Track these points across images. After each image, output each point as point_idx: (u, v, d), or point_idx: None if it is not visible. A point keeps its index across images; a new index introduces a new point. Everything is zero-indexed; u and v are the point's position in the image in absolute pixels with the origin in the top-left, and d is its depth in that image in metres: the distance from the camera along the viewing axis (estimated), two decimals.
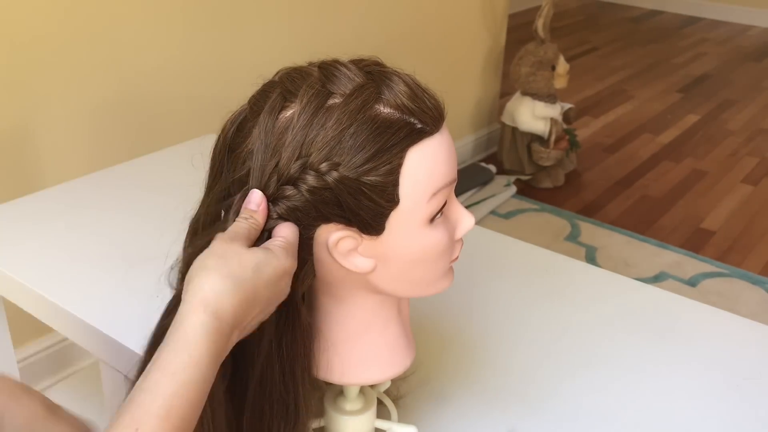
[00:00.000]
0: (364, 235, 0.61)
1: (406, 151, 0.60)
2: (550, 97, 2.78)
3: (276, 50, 1.94)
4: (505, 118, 2.86)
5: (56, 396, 1.59)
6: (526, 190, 2.83)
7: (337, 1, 2.10)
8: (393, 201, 0.61)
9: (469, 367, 0.93)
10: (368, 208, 0.60)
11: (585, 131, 3.35)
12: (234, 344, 0.57)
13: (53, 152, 1.54)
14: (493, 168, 2.87)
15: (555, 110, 2.80)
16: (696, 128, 3.45)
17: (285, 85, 0.62)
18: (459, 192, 2.70)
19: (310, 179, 0.58)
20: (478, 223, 2.81)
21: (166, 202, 1.26)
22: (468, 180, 2.75)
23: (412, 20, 2.42)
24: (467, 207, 2.63)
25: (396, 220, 0.61)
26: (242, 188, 0.61)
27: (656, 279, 2.29)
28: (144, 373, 0.52)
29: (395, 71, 0.63)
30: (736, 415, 0.87)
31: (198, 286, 0.54)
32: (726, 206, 2.76)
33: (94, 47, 1.54)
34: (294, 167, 0.58)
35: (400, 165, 0.60)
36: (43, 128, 1.51)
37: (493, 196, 2.72)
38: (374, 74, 0.62)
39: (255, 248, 0.58)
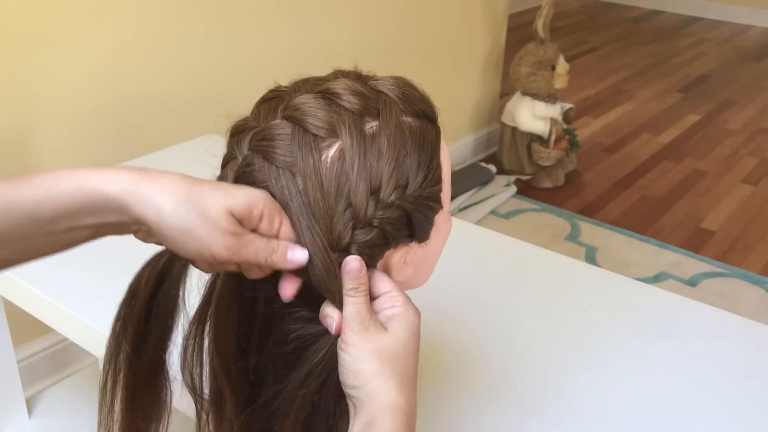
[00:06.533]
0: (416, 246, 0.61)
1: (439, 152, 0.61)
2: (550, 97, 2.78)
3: (276, 50, 1.94)
4: (505, 118, 2.86)
5: (56, 396, 1.59)
6: (526, 190, 2.83)
7: (336, 1, 2.10)
8: (440, 204, 0.61)
9: (468, 366, 0.93)
10: (429, 219, 0.60)
11: (585, 131, 3.35)
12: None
13: (53, 152, 1.54)
14: (493, 168, 2.87)
15: (555, 110, 2.80)
16: (696, 128, 3.45)
17: (300, 120, 0.57)
18: (459, 192, 2.71)
19: (390, 212, 0.56)
20: (478, 222, 2.80)
21: None
22: (468, 180, 2.75)
23: (412, 20, 2.42)
24: (467, 207, 2.64)
25: (438, 220, 0.62)
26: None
27: (656, 279, 2.29)
28: None
29: (381, 78, 0.61)
30: (736, 415, 0.87)
31: (370, 399, 0.54)
32: (726, 206, 2.76)
33: (94, 47, 1.54)
34: (370, 207, 0.55)
35: (440, 168, 0.60)
36: (43, 128, 1.51)
37: (493, 196, 2.72)
38: (369, 89, 0.59)
39: (391, 327, 0.56)
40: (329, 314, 0.56)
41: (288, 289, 0.57)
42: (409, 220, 0.58)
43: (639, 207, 2.75)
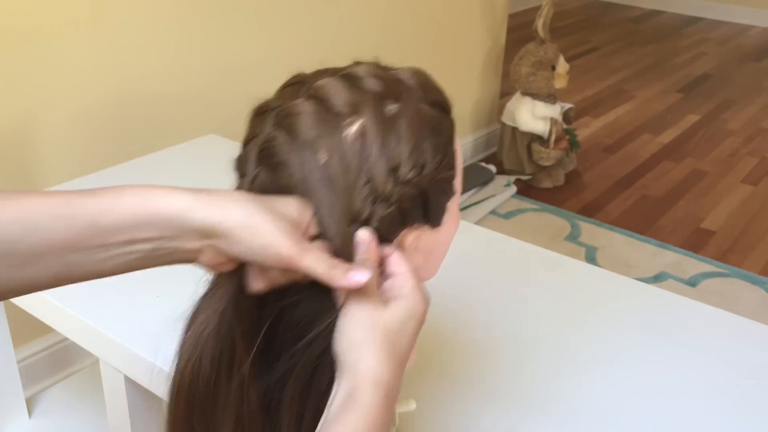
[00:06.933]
0: (428, 230, 0.63)
1: (453, 142, 0.63)
2: (550, 97, 2.78)
3: (276, 51, 1.94)
4: (505, 118, 2.86)
5: (56, 396, 1.59)
6: (526, 190, 2.83)
7: (337, 1, 2.10)
8: (453, 190, 0.64)
9: (468, 366, 0.93)
10: (443, 203, 0.62)
11: (585, 131, 3.35)
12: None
13: (53, 152, 1.54)
14: (493, 168, 2.87)
15: (555, 110, 2.80)
16: (696, 128, 3.45)
17: (323, 99, 0.58)
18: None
19: (408, 189, 0.58)
20: (478, 223, 2.79)
21: None
22: (468, 180, 2.75)
23: (412, 20, 2.42)
24: (467, 207, 2.64)
25: (450, 208, 0.64)
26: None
27: (656, 279, 2.29)
28: None
29: (400, 68, 0.64)
30: (736, 415, 0.87)
31: (355, 366, 0.55)
32: (726, 206, 2.76)
33: (94, 47, 1.54)
34: (389, 183, 0.57)
35: (454, 156, 0.63)
36: (43, 128, 1.51)
37: (493, 196, 2.72)
38: (388, 76, 0.62)
39: (392, 305, 0.57)
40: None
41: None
42: (424, 200, 0.60)
43: (639, 207, 2.75)
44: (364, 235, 0.57)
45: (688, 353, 0.97)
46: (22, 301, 1.09)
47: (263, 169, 0.59)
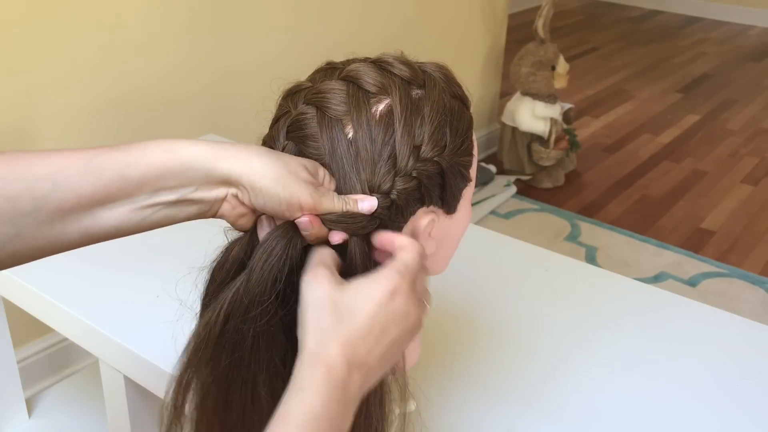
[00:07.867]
0: (443, 216, 0.65)
1: (472, 133, 0.66)
2: (550, 97, 2.78)
3: (275, 50, 1.94)
4: (505, 118, 2.86)
5: (56, 396, 1.59)
6: (526, 190, 2.83)
7: (336, 1, 2.10)
8: (470, 177, 0.66)
9: (469, 366, 0.93)
10: (459, 188, 0.65)
11: (585, 131, 3.35)
12: (364, 387, 0.53)
13: None
14: (493, 168, 2.87)
15: (555, 110, 2.80)
16: (696, 128, 3.45)
17: (354, 79, 0.61)
18: None
19: (429, 166, 0.60)
20: (478, 223, 2.79)
21: None
22: None
23: (412, 20, 2.42)
24: None
25: (464, 196, 0.66)
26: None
27: (656, 279, 2.29)
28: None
29: (425, 62, 0.67)
30: (736, 415, 0.87)
31: (301, 345, 0.53)
32: (726, 206, 2.76)
33: (94, 47, 1.54)
34: (412, 158, 0.60)
35: (472, 145, 0.66)
36: (43, 128, 1.51)
37: (493, 196, 2.72)
38: (415, 66, 0.65)
39: (353, 282, 0.55)
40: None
41: (336, 236, 0.58)
42: (442, 180, 0.62)
43: (639, 207, 2.75)
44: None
45: (688, 353, 0.97)
46: (22, 301, 1.09)
47: (291, 141, 0.61)
